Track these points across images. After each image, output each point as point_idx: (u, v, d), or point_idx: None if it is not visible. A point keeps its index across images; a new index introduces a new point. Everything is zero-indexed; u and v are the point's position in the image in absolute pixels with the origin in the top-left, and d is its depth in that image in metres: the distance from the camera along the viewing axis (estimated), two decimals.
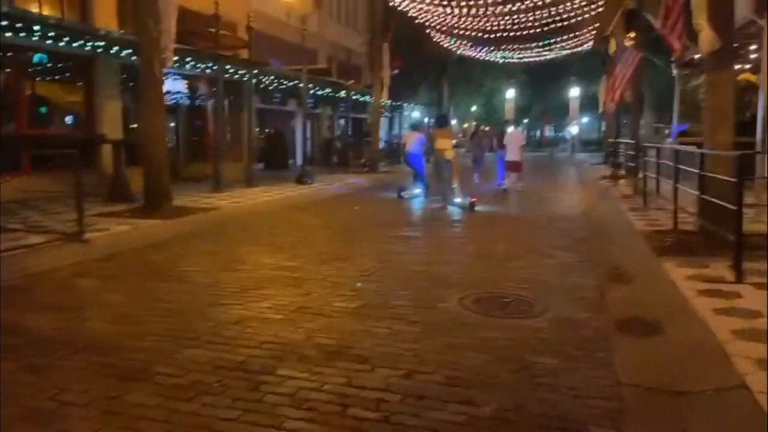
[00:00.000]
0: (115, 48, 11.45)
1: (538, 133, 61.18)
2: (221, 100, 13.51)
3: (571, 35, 25.99)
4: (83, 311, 4.58)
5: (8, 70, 11.16)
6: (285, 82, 17.43)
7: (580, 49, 28.28)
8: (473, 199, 10.97)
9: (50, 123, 12.54)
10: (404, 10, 21.31)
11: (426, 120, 31.87)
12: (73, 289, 5.24)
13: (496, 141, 16.38)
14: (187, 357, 3.67)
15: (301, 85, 15.50)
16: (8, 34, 9.58)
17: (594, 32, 24.07)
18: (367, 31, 21.98)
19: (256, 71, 14.94)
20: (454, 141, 11.90)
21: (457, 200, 11.22)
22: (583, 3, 20.51)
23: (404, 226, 9.13)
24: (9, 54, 10.74)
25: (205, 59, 13.16)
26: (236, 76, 14.64)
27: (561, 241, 7.91)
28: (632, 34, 16.31)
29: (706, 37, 6.70)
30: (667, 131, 20.30)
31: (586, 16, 22.07)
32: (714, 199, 6.13)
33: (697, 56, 12.96)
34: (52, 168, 7.92)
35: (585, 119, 54.46)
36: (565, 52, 28.84)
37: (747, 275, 5.22)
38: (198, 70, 13.86)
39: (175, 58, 10.93)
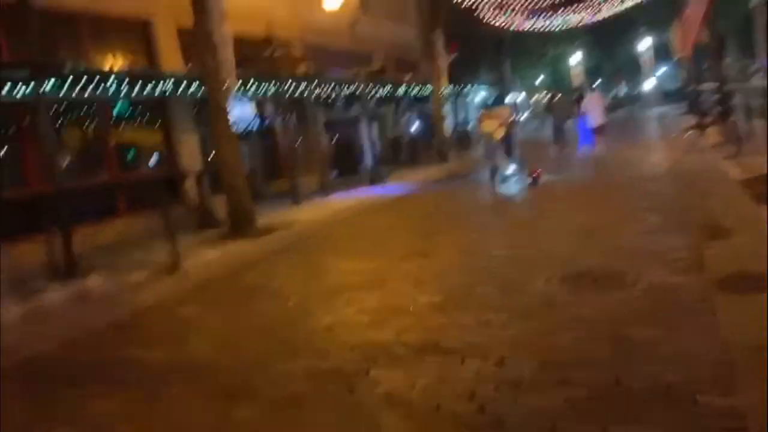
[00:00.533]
0: (183, 85, 12.10)
1: (613, 93, 58.24)
2: (287, 117, 13.93)
3: None
4: (187, 339, 4.89)
5: (94, 123, 12.09)
6: (344, 88, 17.68)
7: None
8: (535, 174, 10.67)
9: (138, 165, 13.44)
10: None
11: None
12: (175, 319, 5.60)
13: (577, 107, 16.27)
14: (284, 369, 3.83)
15: (359, 89, 15.66)
16: (89, 91, 10.37)
17: None
18: (419, 22, 21.82)
19: (315, 81, 15.26)
20: (500, 120, 11.57)
21: (515, 177, 11.32)
22: None
23: (480, 212, 9.01)
24: (92, 109, 11.62)
25: (265, 80, 13.62)
26: (298, 91, 15.03)
27: (650, 203, 7.52)
28: None
29: None
30: (755, 68, 18.69)
31: None
32: None
33: None
34: (144, 207, 8.50)
35: (662, 70, 51.27)
36: (627, 4, 27.20)
37: None
38: (261, 92, 14.37)
39: (237, 84, 11.41)
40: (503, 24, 27.22)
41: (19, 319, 5.96)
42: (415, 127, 24.26)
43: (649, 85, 42.91)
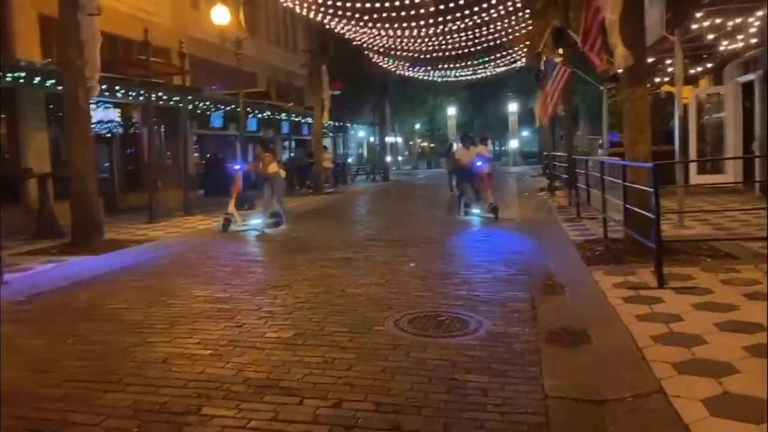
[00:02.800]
0: (38, 78, 11.02)
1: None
2: (153, 128, 13.19)
3: (504, 53, 26.82)
4: None
5: None
6: (222, 107, 17.20)
7: (514, 66, 29.21)
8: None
9: None
10: (341, 32, 21.49)
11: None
12: None
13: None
14: (106, 402, 3.50)
15: (239, 109, 15.33)
16: None
17: (526, 49, 24.93)
18: (306, 53, 22.01)
19: (190, 97, 14.67)
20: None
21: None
22: (514, 22, 21.24)
23: (341, 248, 9.09)
24: None
25: (135, 87, 12.84)
26: (170, 103, 14.35)
27: (499, 255, 8.05)
28: (560, 51, 16.94)
29: (620, 54, 7.03)
30: (600, 142, 21.13)
31: (518, 34, 22.85)
32: (635, 208, 6.40)
33: (620, 71, 13.67)
34: None
35: (525, 133, 56.20)
36: (500, 70, 29.70)
37: (669, 280, 5.46)
38: (129, 98, 13.51)
39: (103, 86, 10.64)
40: (389, 68, 28.38)
41: None
42: (293, 155, 24.17)
43: (513, 144, 46.86)
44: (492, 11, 18.93)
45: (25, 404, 3.51)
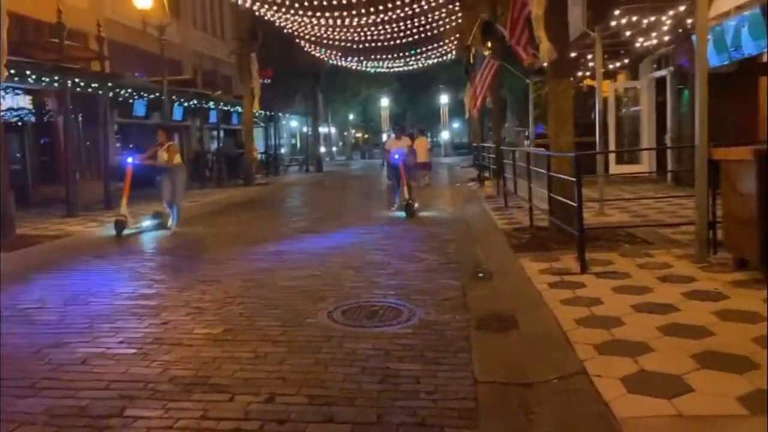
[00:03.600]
0: None
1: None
2: (70, 116, 12.44)
3: (435, 45, 27.16)
4: None
5: None
6: (145, 95, 16.45)
7: (445, 58, 29.64)
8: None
9: None
10: (271, 19, 21.02)
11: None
12: None
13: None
14: (19, 408, 3.28)
15: (164, 97, 14.71)
16: None
17: (456, 42, 25.34)
18: (235, 40, 21.39)
19: (110, 84, 13.93)
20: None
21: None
22: (443, 14, 21.51)
23: (273, 240, 8.94)
24: None
25: (48, 72, 12.04)
26: (89, 90, 13.56)
27: (430, 244, 8.17)
28: (489, 44, 17.35)
29: (545, 49, 7.27)
30: (527, 133, 21.85)
31: (448, 27, 23.16)
32: (559, 197, 6.65)
33: (545, 65, 14.18)
34: None
35: (456, 124, 57.32)
36: (430, 62, 30.07)
37: (590, 265, 5.72)
38: (42, 83, 12.66)
39: (12, 71, 9.91)
40: (321, 56, 28.08)
41: None
42: (222, 145, 23.51)
43: (444, 136, 47.68)
44: (423, 3, 19.08)
45: None
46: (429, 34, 23.51)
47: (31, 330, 4.72)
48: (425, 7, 20.61)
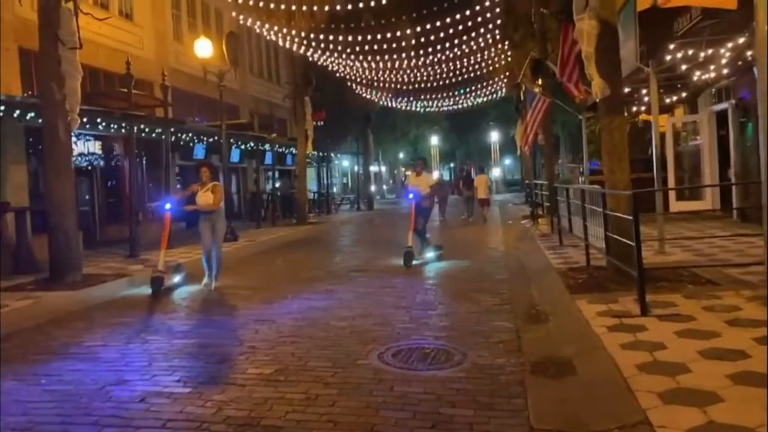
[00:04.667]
0: (17, 111, 10.95)
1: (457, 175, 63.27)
2: (135, 160, 13.12)
3: (484, 83, 27.33)
4: None
5: None
6: (204, 139, 17.20)
7: (494, 96, 29.74)
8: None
9: None
10: (324, 64, 21.75)
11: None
12: None
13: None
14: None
15: (222, 140, 15.34)
16: None
17: (506, 80, 25.41)
18: (289, 84, 22.20)
19: (172, 129, 14.66)
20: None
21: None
22: (494, 54, 21.69)
23: (325, 279, 9.02)
24: None
25: (116, 119, 12.80)
26: (153, 135, 14.31)
27: (483, 284, 8.05)
28: (539, 81, 17.31)
29: (597, 85, 7.20)
30: (581, 170, 21.44)
31: (497, 65, 23.31)
32: (616, 236, 6.45)
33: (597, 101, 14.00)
34: None
35: (507, 161, 56.95)
36: (480, 100, 30.21)
37: (652, 307, 5.47)
38: (111, 130, 13.47)
39: (84, 119, 10.60)
40: (371, 98, 28.72)
41: None
42: (277, 185, 24.18)
43: (496, 173, 47.33)
44: (472, 43, 19.32)
45: None
46: (478, 73, 23.71)
47: (94, 367, 4.90)
48: (474, 47, 20.88)
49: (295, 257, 12.38)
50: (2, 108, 10.69)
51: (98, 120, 12.38)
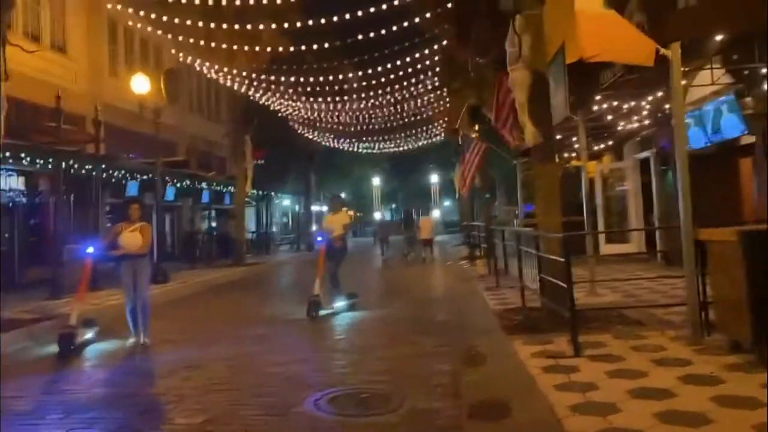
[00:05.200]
0: None
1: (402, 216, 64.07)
2: (62, 197, 12.51)
3: (424, 128, 28.03)
4: None
5: None
6: (138, 176, 16.65)
7: (434, 139, 30.53)
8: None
9: None
10: (267, 103, 21.72)
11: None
12: None
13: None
14: None
15: (157, 178, 14.88)
16: None
17: (445, 125, 26.17)
18: (229, 122, 21.97)
19: (104, 166, 14.12)
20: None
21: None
22: (432, 99, 22.36)
23: (260, 323, 8.76)
24: None
25: (42, 154, 12.22)
26: (83, 172, 13.72)
27: (420, 327, 8.02)
28: (476, 127, 17.92)
29: (530, 133, 7.50)
30: (516, 212, 22.13)
31: (437, 110, 24.01)
32: (548, 277, 6.62)
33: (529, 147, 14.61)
34: None
35: (447, 202, 58.11)
36: (421, 143, 30.93)
37: (584, 348, 5.59)
38: (37, 166, 12.82)
39: (6, 154, 10.05)
40: (314, 138, 28.82)
41: None
42: (214, 225, 23.57)
43: (435, 214, 48.05)
44: (413, 89, 19.87)
45: None
46: (419, 117, 24.33)
47: (9, 421, 4.49)
48: (414, 92, 21.45)
49: (229, 300, 12.00)
50: None
51: (22, 155, 11.76)
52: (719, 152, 10.96)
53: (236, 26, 15.64)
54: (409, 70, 18.68)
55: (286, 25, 15.88)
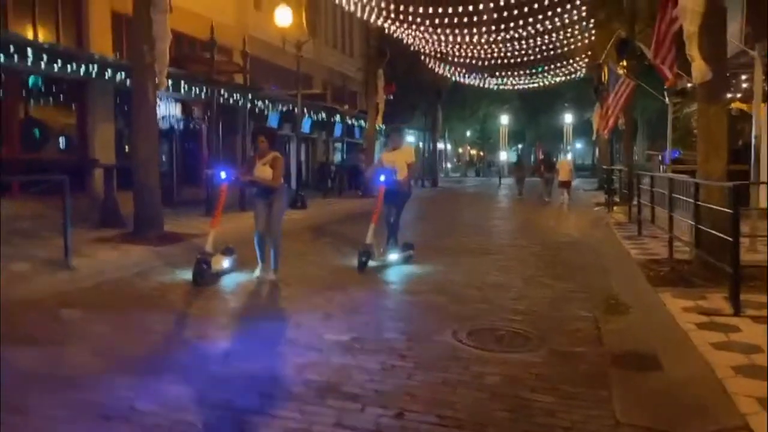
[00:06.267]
0: (109, 72, 11.45)
1: (531, 158, 61.73)
2: (214, 124, 13.50)
3: (563, 63, 26.29)
4: (65, 344, 4.44)
5: (1, 93, 11.14)
6: (279, 107, 17.47)
7: (573, 76, 28.60)
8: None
9: (43, 146, 12.46)
10: (399, 37, 21.51)
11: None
12: (55, 320, 5.10)
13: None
14: (169, 393, 3.54)
15: (296, 109, 15.53)
16: (2, 59, 9.57)
17: (587, 60, 24.36)
18: (362, 57, 22.15)
19: (250, 95, 14.96)
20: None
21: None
22: (576, 31, 20.77)
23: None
24: (3, 77, 10.73)
25: (198, 83, 13.18)
26: (231, 101, 14.66)
27: (556, 271, 7.82)
28: (624, 63, 16.48)
29: (698, 68, 6.73)
30: (660, 158, 20.42)
31: (579, 44, 22.33)
32: (710, 230, 6.08)
33: (689, 85, 13.13)
34: (41, 192, 7.82)
35: (579, 145, 55.01)
36: (558, 79, 29.15)
37: (745, 307, 5.15)
38: (192, 94, 13.88)
39: (170, 82, 10.95)
40: (443, 74, 28.26)
41: None
42: (345, 157, 24.37)
43: (567, 156, 45.74)
44: (556, 20, 18.56)
45: (93, 390, 3.58)
46: (558, 51, 22.82)
47: (179, 320, 5.11)
48: (558, 24, 20.05)
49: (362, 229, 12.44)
50: (96, 68, 11.19)
51: (182, 83, 12.77)
52: None
53: None
54: None
55: None
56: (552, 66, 26.89)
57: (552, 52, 23.29)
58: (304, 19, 15.40)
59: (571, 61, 25.84)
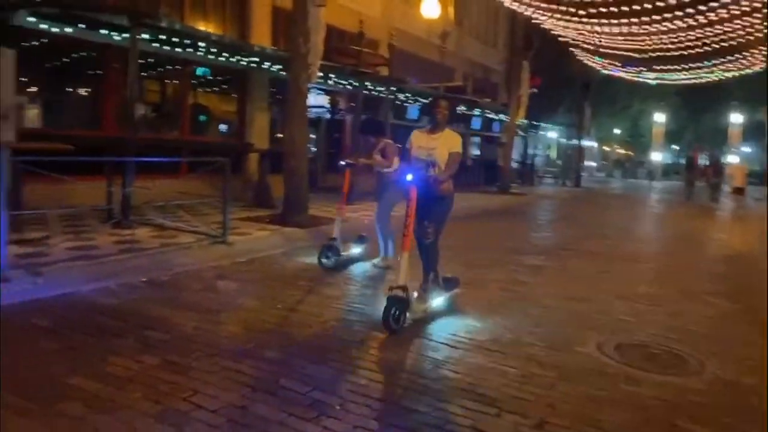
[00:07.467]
0: (267, 63, 12.24)
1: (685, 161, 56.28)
2: (359, 116, 13.90)
3: (731, 57, 23.46)
4: (221, 313, 4.80)
5: (176, 81, 12.38)
6: (420, 100, 17.58)
7: (746, 71, 25.43)
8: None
9: (207, 131, 13.68)
10: (547, 27, 20.56)
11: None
12: (213, 290, 5.55)
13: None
14: (311, 372, 3.67)
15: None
16: (178, 50, 10.61)
17: (765, 54, 21.54)
18: (507, 48, 21.52)
19: (394, 88, 15.20)
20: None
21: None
22: (755, 21, 18.39)
23: (531, 253, 8.66)
24: (177, 67, 11.91)
25: (346, 75, 13.63)
26: (374, 93, 15.00)
27: (719, 286, 7.02)
28: None
29: None
30: None
31: (756, 35, 19.77)
32: None
33: None
34: (205, 172, 8.57)
35: (747, 149, 49.09)
36: (728, 74, 26.12)
37: None
38: (340, 85, 14.41)
39: (320, 73, 11.44)
40: (594, 65, 26.56)
41: (66, 254, 6.04)
42: (482, 152, 23.97)
43: (731, 160, 40.98)
44: (732, 7, 16.59)
45: (243, 360, 3.82)
46: (731, 43, 20.40)
47: (324, 302, 5.31)
48: (727, 15, 17.90)
49: (498, 226, 12.16)
50: (256, 59, 12.02)
51: (330, 75, 13.29)
52: None
53: None
54: None
55: None
56: (722, 59, 24.10)
57: (722, 44, 20.86)
58: (451, 10, 15.27)
59: (743, 54, 22.97)
